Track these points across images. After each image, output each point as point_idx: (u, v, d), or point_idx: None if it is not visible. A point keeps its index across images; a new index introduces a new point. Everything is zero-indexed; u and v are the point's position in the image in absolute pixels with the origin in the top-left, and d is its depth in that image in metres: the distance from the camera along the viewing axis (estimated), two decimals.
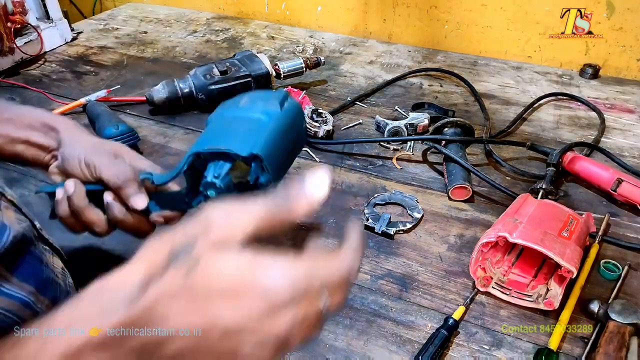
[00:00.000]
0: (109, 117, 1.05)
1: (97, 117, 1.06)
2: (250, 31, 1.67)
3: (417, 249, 0.82)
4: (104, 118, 1.05)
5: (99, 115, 1.06)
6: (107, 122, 1.02)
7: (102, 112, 1.08)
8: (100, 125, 1.03)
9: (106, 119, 1.04)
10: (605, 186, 0.90)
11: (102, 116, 1.06)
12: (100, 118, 1.05)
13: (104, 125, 1.02)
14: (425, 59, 1.47)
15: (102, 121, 1.04)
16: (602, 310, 0.68)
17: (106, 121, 1.03)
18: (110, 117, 1.06)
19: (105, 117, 1.05)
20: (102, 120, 1.04)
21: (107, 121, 1.03)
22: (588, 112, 1.21)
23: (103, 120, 1.04)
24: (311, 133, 1.06)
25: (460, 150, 0.99)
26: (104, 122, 1.03)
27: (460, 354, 0.66)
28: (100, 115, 1.06)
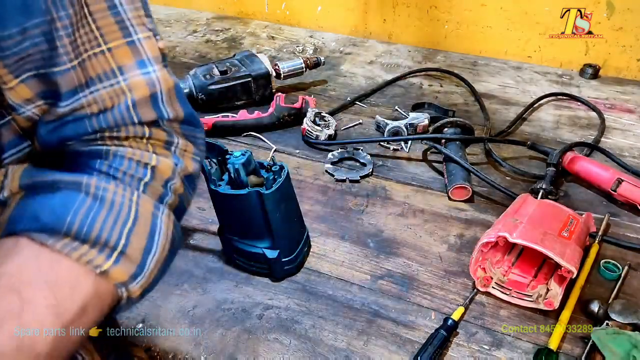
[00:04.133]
0: None
1: None
2: (250, 31, 1.67)
3: (417, 249, 0.82)
4: None
5: None
6: None
7: None
8: None
9: None
10: (605, 186, 0.90)
11: None
12: None
13: None
14: (425, 59, 1.47)
15: None
16: (602, 310, 0.68)
17: None
18: None
19: None
20: None
21: None
22: (588, 112, 1.21)
23: None
24: (313, 137, 1.06)
25: (460, 150, 0.99)
26: None
27: (460, 354, 0.66)
28: None
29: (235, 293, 0.75)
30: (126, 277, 0.35)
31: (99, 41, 0.35)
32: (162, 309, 0.72)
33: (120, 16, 0.36)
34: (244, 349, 0.67)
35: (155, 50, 0.38)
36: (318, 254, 0.81)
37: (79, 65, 0.35)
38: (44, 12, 0.32)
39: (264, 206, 0.69)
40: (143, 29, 0.37)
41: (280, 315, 0.71)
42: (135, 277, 0.35)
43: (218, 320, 0.71)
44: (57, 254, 0.33)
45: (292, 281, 0.77)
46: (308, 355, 0.66)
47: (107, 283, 0.34)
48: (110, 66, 0.36)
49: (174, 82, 0.39)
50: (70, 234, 0.33)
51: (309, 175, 0.99)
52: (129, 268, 0.35)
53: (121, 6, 0.36)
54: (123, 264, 0.35)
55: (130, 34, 0.36)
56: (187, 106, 0.40)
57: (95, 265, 0.33)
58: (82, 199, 0.34)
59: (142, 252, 0.36)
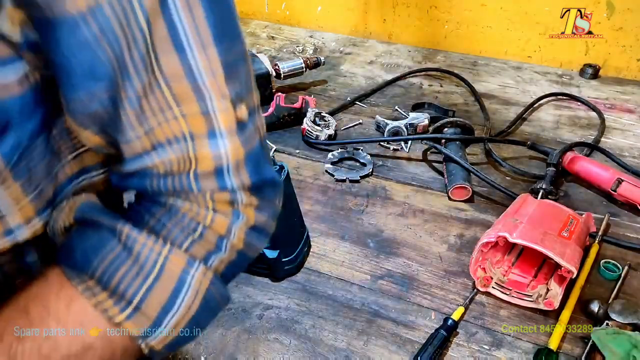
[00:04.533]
0: None
1: None
2: (250, 31, 1.67)
3: (417, 249, 0.82)
4: None
5: None
6: None
7: None
8: None
9: None
10: (605, 186, 0.90)
11: None
12: None
13: None
14: (425, 59, 1.47)
15: None
16: (602, 310, 0.68)
17: None
18: None
19: None
20: None
21: None
22: (588, 112, 1.21)
23: None
24: (313, 137, 1.06)
25: (460, 150, 0.99)
26: None
27: (460, 354, 0.66)
28: None
29: (235, 293, 0.75)
30: (139, 332, 0.35)
31: (172, 106, 0.34)
32: None
33: (196, 82, 0.33)
34: (244, 349, 0.67)
35: (229, 121, 0.35)
36: (318, 254, 0.81)
37: (145, 133, 0.34)
38: (110, 79, 0.31)
39: None
40: (221, 101, 0.35)
41: (280, 315, 0.71)
42: (149, 334, 0.35)
43: (218, 320, 0.71)
44: (77, 294, 0.34)
45: (292, 281, 0.77)
46: (308, 355, 0.66)
47: (119, 334, 0.34)
48: (182, 131, 0.34)
49: (245, 152, 0.37)
50: (94, 277, 0.34)
51: (309, 175, 0.99)
52: (143, 323, 0.35)
53: (198, 71, 0.33)
54: (136, 319, 0.34)
55: (206, 104, 0.34)
56: (257, 173, 0.38)
57: (109, 315, 0.34)
58: (114, 245, 0.35)
59: (159, 310, 0.35)
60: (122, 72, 0.31)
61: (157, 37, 0.31)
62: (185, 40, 0.32)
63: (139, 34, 0.30)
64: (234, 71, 0.35)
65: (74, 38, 0.29)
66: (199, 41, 0.32)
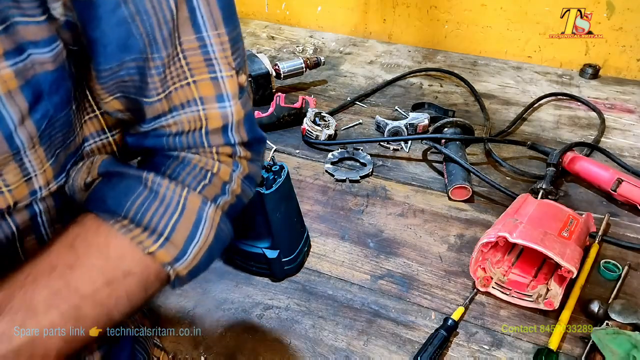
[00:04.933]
0: None
1: None
2: (250, 31, 1.67)
3: (417, 249, 0.82)
4: None
5: None
6: None
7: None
8: None
9: None
10: (605, 186, 0.90)
11: None
12: None
13: None
14: (425, 59, 1.47)
15: None
16: (602, 310, 0.68)
17: None
18: None
19: None
20: None
21: None
22: (588, 112, 1.21)
23: None
24: (313, 137, 1.06)
25: (460, 150, 0.99)
26: None
27: (460, 354, 0.66)
28: None
29: (235, 293, 0.75)
30: (170, 259, 0.41)
31: (187, 75, 0.41)
32: (162, 309, 0.72)
33: (208, 55, 0.41)
34: (244, 349, 0.67)
35: (234, 87, 0.43)
36: (318, 254, 0.81)
37: (165, 97, 0.41)
38: (140, 51, 0.37)
39: (264, 206, 0.69)
40: (227, 68, 0.42)
41: (280, 315, 0.71)
42: (178, 260, 0.42)
43: (218, 320, 0.71)
44: (113, 231, 0.40)
45: (292, 281, 0.77)
46: (308, 355, 0.66)
47: (153, 261, 0.41)
48: (194, 96, 0.42)
49: (244, 113, 0.45)
50: (127, 217, 0.40)
51: (309, 175, 0.99)
52: (173, 252, 0.41)
53: (211, 46, 0.41)
54: (167, 248, 0.41)
55: (215, 71, 0.42)
56: (251, 132, 0.47)
57: (144, 246, 0.40)
58: (141, 190, 0.41)
59: (185, 240, 0.42)
60: (152, 46, 0.38)
61: (181, 17, 0.38)
62: (201, 21, 0.39)
63: (169, 14, 0.37)
64: (237, 46, 0.43)
65: (114, 16, 0.35)
66: (212, 22, 0.40)
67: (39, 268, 0.37)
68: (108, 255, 0.39)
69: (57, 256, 0.38)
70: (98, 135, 0.44)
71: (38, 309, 0.35)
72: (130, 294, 0.40)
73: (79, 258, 0.38)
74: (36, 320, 0.35)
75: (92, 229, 0.40)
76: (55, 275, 0.37)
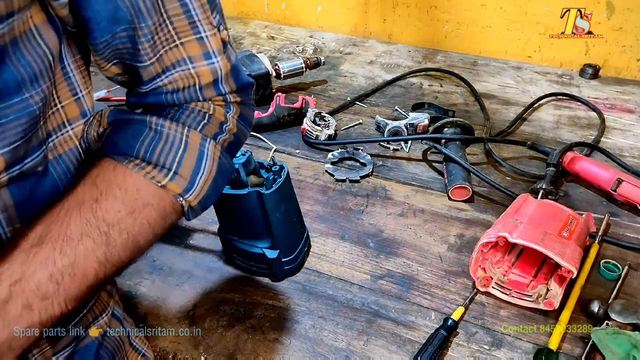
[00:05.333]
0: None
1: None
2: (250, 31, 1.67)
3: (417, 249, 0.82)
4: None
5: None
6: None
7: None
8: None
9: None
10: (605, 186, 0.90)
11: None
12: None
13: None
14: (425, 59, 1.47)
15: None
16: (602, 310, 0.68)
17: None
18: None
19: None
20: None
21: None
22: (588, 112, 1.21)
23: None
24: (313, 137, 1.06)
25: (460, 150, 0.99)
26: None
27: (460, 354, 0.66)
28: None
29: (235, 293, 0.75)
30: (180, 190, 0.47)
31: (174, 38, 0.45)
32: (162, 309, 0.72)
33: (192, 18, 0.45)
34: (244, 349, 0.67)
35: (218, 43, 0.47)
36: (318, 254, 0.81)
37: (157, 60, 0.45)
38: (129, 22, 0.42)
39: (264, 206, 0.69)
40: (209, 27, 0.46)
41: (280, 315, 0.71)
42: (188, 190, 0.47)
43: (218, 320, 0.71)
44: (128, 170, 0.45)
45: (292, 281, 0.77)
46: (308, 355, 0.66)
47: (166, 193, 0.46)
48: (182, 56, 0.46)
49: (230, 66, 0.49)
50: (139, 157, 0.45)
51: (309, 175, 0.99)
52: (182, 183, 0.47)
53: (194, 10, 0.45)
54: (177, 181, 0.46)
55: (200, 32, 0.46)
56: (238, 80, 0.51)
57: (157, 180, 0.45)
58: (147, 132, 0.46)
59: (191, 172, 0.47)
60: (138, 16, 0.42)
61: None
62: None
63: None
64: (214, 4, 0.47)
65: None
66: None
67: (69, 203, 0.42)
68: (127, 190, 0.44)
69: (83, 193, 0.43)
70: (60, 129, 0.45)
71: (73, 237, 0.41)
72: (151, 222, 0.46)
73: (102, 193, 0.43)
74: (72, 246, 0.40)
75: (109, 169, 0.45)
76: (84, 208, 0.42)
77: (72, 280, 0.40)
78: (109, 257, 0.43)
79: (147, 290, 0.75)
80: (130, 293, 0.75)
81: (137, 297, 0.74)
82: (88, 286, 0.42)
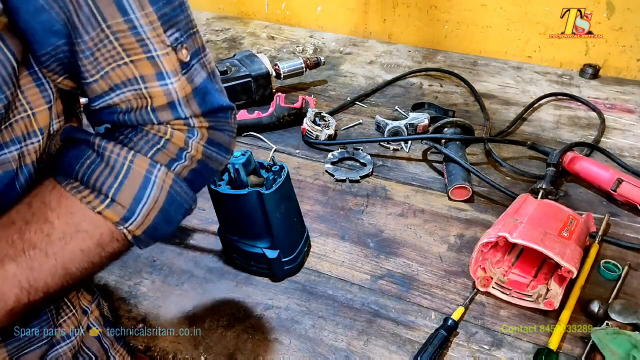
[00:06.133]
0: None
1: None
2: (250, 31, 1.67)
3: (417, 249, 0.82)
4: None
5: None
6: None
7: None
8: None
9: None
10: (605, 186, 0.90)
11: None
12: None
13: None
14: (425, 59, 1.47)
15: None
16: (602, 310, 0.68)
17: None
18: None
19: None
20: None
21: None
22: (588, 112, 1.21)
23: None
24: (313, 137, 1.06)
25: (460, 150, 0.99)
26: None
27: (460, 354, 0.66)
28: None
29: (235, 293, 0.75)
30: (117, 218, 0.44)
31: (122, 55, 0.41)
32: (162, 309, 0.72)
33: (140, 35, 0.41)
34: (244, 349, 0.67)
35: (173, 64, 0.43)
36: (318, 254, 0.81)
37: (100, 77, 0.42)
38: (66, 35, 0.39)
39: (264, 206, 0.69)
40: (161, 46, 0.42)
41: (280, 315, 0.71)
42: (127, 219, 0.44)
43: (218, 320, 0.71)
44: (65, 192, 0.43)
45: (292, 281, 0.77)
46: (308, 355, 0.66)
47: (103, 220, 0.44)
48: (134, 74, 0.42)
49: (193, 87, 0.46)
50: (78, 179, 0.44)
51: (309, 175, 0.99)
52: (119, 211, 0.44)
53: (140, 27, 0.41)
54: (114, 208, 0.44)
55: (150, 51, 0.42)
56: (205, 104, 0.47)
57: (92, 206, 0.43)
58: (90, 154, 0.44)
59: (131, 201, 0.44)
60: (74, 31, 0.39)
61: (102, 2, 0.39)
62: (126, 2, 0.40)
63: (82, 0, 0.38)
64: (172, 22, 0.43)
65: (30, 5, 0.37)
66: (138, 2, 0.40)
67: (1, 222, 0.42)
68: (60, 213, 0.43)
69: (17, 212, 0.42)
70: (29, 137, 0.43)
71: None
72: (85, 249, 0.44)
73: (34, 214, 0.42)
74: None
75: (47, 189, 0.44)
76: (13, 228, 0.41)
77: None
78: (33, 283, 0.41)
79: (147, 290, 0.75)
80: (130, 293, 0.75)
81: (137, 297, 0.74)
82: (7, 311, 0.40)
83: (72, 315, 0.53)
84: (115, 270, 0.78)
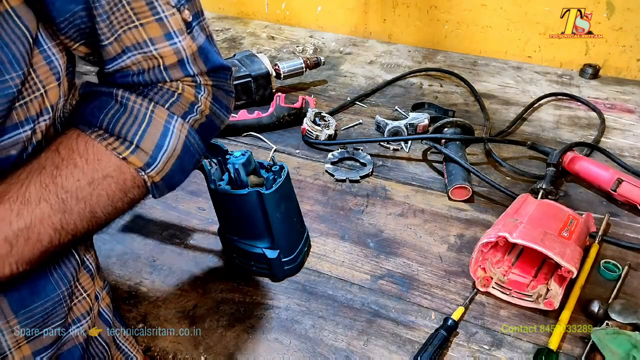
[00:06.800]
0: None
1: None
2: (250, 31, 1.67)
3: (417, 249, 0.82)
4: None
5: None
6: None
7: None
8: None
9: None
10: (605, 186, 0.90)
11: None
12: None
13: None
14: (425, 59, 1.47)
15: None
16: (602, 310, 0.68)
17: None
18: None
19: None
20: None
21: None
22: (588, 112, 1.21)
23: None
24: (313, 137, 1.06)
25: (460, 150, 0.99)
26: None
27: (460, 354, 0.66)
28: None
29: (235, 293, 0.75)
30: (141, 164, 0.47)
31: (133, 19, 0.44)
32: (162, 309, 0.72)
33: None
34: (244, 349, 0.67)
35: (178, 23, 0.47)
36: (318, 254, 0.81)
37: (115, 40, 0.45)
38: (83, 2, 0.41)
39: (264, 206, 0.69)
40: (167, 7, 0.45)
41: (280, 315, 0.71)
42: (149, 165, 0.47)
43: (218, 320, 0.71)
44: (91, 139, 0.46)
45: (292, 281, 0.77)
46: (308, 355, 0.66)
47: (127, 166, 0.46)
48: (143, 38, 0.45)
49: (197, 46, 0.49)
50: (102, 128, 0.46)
51: (309, 175, 0.99)
52: (143, 157, 0.47)
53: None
54: (138, 154, 0.47)
55: (158, 12, 0.45)
56: (208, 62, 0.50)
57: (118, 152, 0.46)
58: (113, 104, 0.47)
59: (153, 147, 0.47)
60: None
61: None
62: None
63: None
64: None
65: None
66: None
67: (31, 167, 0.43)
68: (87, 159, 0.45)
69: (45, 159, 0.44)
70: (42, 115, 0.44)
71: (31, 200, 0.41)
72: (110, 194, 0.46)
73: (63, 160, 0.44)
74: (30, 209, 0.41)
75: (73, 137, 0.46)
76: (45, 173, 0.43)
77: (26, 243, 0.41)
78: (65, 225, 0.44)
79: (147, 290, 0.75)
80: (130, 293, 0.75)
81: (137, 297, 0.74)
82: (41, 251, 0.42)
83: (82, 299, 0.53)
84: (115, 270, 0.78)
